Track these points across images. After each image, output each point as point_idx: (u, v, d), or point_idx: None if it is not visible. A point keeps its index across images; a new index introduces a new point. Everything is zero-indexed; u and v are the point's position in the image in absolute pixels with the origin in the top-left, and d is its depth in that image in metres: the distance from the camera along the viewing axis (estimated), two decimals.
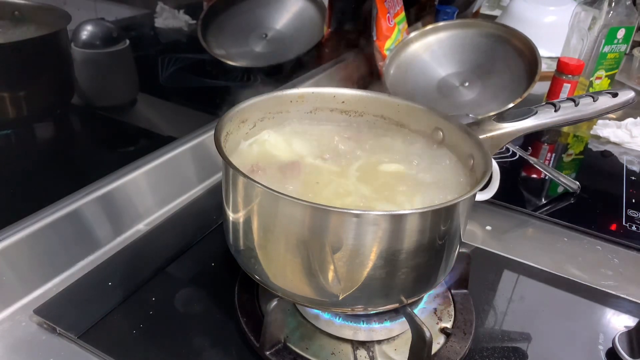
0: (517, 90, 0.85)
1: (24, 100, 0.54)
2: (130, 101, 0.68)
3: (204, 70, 0.78)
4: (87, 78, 0.59)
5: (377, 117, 0.58)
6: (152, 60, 0.68)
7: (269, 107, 0.55)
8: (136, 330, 0.48)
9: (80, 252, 0.57)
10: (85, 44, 0.58)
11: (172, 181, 0.69)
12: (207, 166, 0.73)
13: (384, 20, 0.98)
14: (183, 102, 0.76)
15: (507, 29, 0.93)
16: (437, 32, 0.97)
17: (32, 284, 0.53)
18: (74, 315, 0.49)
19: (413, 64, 0.95)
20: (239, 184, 0.43)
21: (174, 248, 0.59)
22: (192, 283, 0.55)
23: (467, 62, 0.94)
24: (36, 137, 0.57)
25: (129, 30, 0.63)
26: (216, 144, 0.44)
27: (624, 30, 1.02)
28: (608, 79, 1.08)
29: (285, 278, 0.44)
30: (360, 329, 0.48)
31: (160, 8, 0.67)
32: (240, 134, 0.53)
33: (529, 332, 0.53)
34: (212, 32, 0.75)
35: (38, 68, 0.54)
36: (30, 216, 0.54)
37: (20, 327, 0.49)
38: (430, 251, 0.42)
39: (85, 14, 0.57)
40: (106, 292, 0.52)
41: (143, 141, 0.69)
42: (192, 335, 0.48)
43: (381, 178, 0.51)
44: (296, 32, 0.88)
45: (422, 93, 0.92)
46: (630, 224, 0.70)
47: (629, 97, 0.58)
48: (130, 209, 0.63)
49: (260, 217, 0.42)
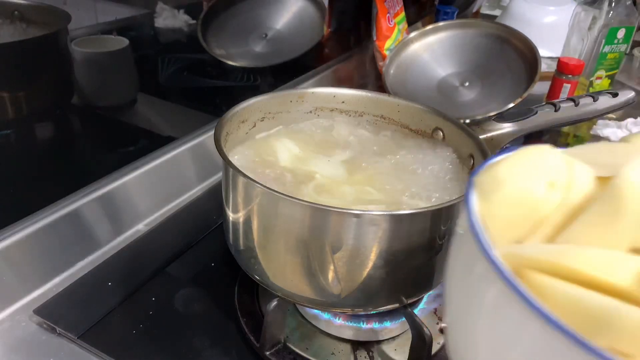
0: (517, 90, 0.85)
1: (24, 100, 0.54)
2: (130, 101, 0.68)
3: (204, 70, 0.78)
4: (86, 78, 0.59)
5: (377, 117, 0.58)
6: (152, 60, 0.68)
7: (268, 107, 0.55)
8: (136, 330, 0.48)
9: (80, 252, 0.57)
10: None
11: (172, 181, 0.69)
12: (207, 166, 0.73)
13: (384, 20, 0.98)
14: (183, 102, 0.76)
15: (507, 29, 0.93)
16: (437, 32, 0.97)
17: (32, 284, 0.53)
18: (73, 315, 0.49)
19: (413, 64, 0.95)
20: (239, 184, 0.43)
21: (174, 248, 0.59)
22: (192, 283, 0.55)
23: (467, 62, 0.94)
24: (36, 137, 0.57)
25: (129, 30, 0.63)
26: (216, 144, 0.44)
27: (624, 30, 1.01)
28: (608, 79, 1.08)
29: (285, 278, 0.44)
30: (360, 329, 0.48)
31: (160, 8, 0.67)
32: (240, 134, 0.53)
33: None
34: (212, 31, 0.75)
35: (38, 68, 0.54)
36: (30, 216, 0.54)
37: (20, 327, 0.49)
38: (430, 251, 0.42)
39: (85, 13, 0.57)
40: (106, 292, 0.52)
41: (143, 141, 0.69)
42: (192, 336, 0.48)
43: (380, 178, 0.51)
44: (296, 32, 0.88)
45: (422, 93, 0.92)
46: None
47: (629, 97, 0.58)
48: (130, 209, 0.63)
49: (260, 217, 0.42)
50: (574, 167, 0.25)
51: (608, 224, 0.22)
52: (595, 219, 0.23)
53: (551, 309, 0.19)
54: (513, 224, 0.24)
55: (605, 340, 0.18)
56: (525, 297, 0.19)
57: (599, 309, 0.19)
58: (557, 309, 0.19)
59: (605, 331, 0.18)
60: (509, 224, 0.24)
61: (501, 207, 0.24)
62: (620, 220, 0.21)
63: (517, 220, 0.24)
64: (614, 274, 0.20)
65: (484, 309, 0.23)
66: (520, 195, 0.24)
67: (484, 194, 0.25)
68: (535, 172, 0.25)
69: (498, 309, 0.22)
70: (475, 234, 0.23)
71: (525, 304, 0.19)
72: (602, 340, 0.18)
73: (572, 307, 0.19)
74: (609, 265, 0.20)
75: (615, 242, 0.22)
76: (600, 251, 0.21)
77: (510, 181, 0.25)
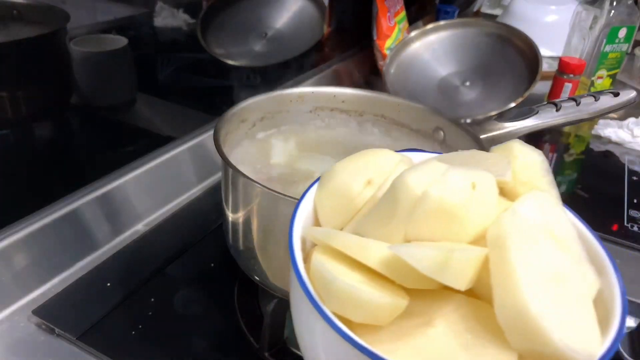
0: (518, 89, 0.85)
1: (22, 99, 0.54)
2: (129, 101, 0.68)
3: (204, 69, 0.78)
4: (85, 77, 0.59)
5: (378, 117, 0.58)
6: (151, 59, 0.68)
7: (268, 107, 0.55)
8: (135, 331, 0.48)
9: (79, 253, 0.57)
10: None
11: (171, 181, 0.68)
12: (207, 166, 0.73)
13: (384, 20, 0.98)
14: (182, 102, 0.76)
15: (508, 28, 0.93)
16: (438, 31, 0.97)
17: (31, 285, 0.52)
18: (72, 316, 0.49)
19: (413, 63, 0.95)
20: (238, 184, 0.43)
21: (173, 248, 0.58)
22: (191, 284, 0.55)
23: (468, 61, 0.93)
24: (34, 137, 0.57)
25: (128, 30, 0.63)
26: (215, 143, 0.44)
27: (625, 30, 1.01)
28: (609, 78, 1.07)
29: (285, 279, 0.43)
30: None
31: (160, 7, 0.66)
32: (240, 134, 0.53)
33: None
34: (211, 31, 0.75)
35: (36, 67, 0.54)
36: (29, 217, 0.53)
37: (18, 328, 0.48)
38: None
39: (84, 12, 0.57)
40: (105, 292, 0.52)
41: (142, 141, 0.69)
42: (192, 337, 0.48)
43: None
44: (296, 31, 0.88)
45: (422, 92, 0.92)
46: (632, 224, 0.70)
47: (630, 96, 0.58)
48: (129, 209, 0.63)
49: (260, 218, 0.42)
50: (396, 169, 0.29)
51: (386, 218, 0.25)
52: (378, 213, 0.26)
53: (313, 281, 0.24)
54: (336, 212, 0.29)
55: (330, 304, 0.23)
56: (300, 277, 0.25)
57: (326, 276, 0.24)
58: (316, 281, 0.24)
59: (328, 296, 0.23)
60: (333, 212, 0.29)
61: (328, 197, 0.29)
62: (394, 217, 0.25)
63: (338, 210, 0.29)
64: (363, 255, 0.24)
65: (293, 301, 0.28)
66: (342, 188, 0.29)
67: (321, 184, 0.30)
68: (359, 170, 0.29)
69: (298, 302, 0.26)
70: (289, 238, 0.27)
71: (300, 283, 0.24)
72: (331, 305, 0.23)
73: (318, 276, 0.24)
74: (360, 249, 0.24)
75: (393, 233, 0.25)
76: (355, 238, 0.26)
77: (338, 175, 0.29)
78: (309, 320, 0.25)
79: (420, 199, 0.24)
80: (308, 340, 0.27)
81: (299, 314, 0.27)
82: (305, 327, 0.26)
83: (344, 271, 0.24)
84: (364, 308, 0.23)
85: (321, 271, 0.24)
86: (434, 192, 0.24)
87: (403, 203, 0.25)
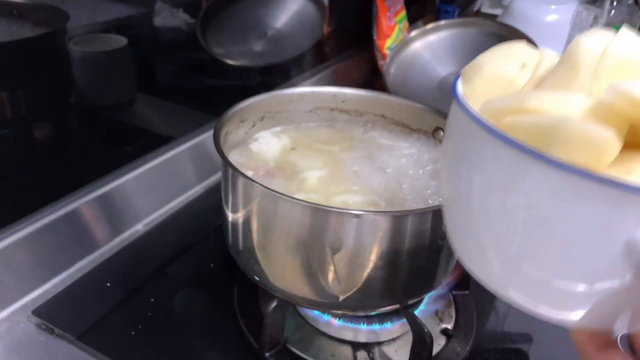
0: None
1: (22, 99, 0.54)
2: (129, 101, 0.68)
3: (203, 69, 0.78)
4: (85, 77, 0.59)
5: (378, 117, 0.58)
6: (151, 59, 0.68)
7: (268, 107, 0.55)
8: (135, 331, 0.48)
9: (78, 253, 0.57)
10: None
11: (171, 181, 0.68)
12: (206, 166, 0.73)
13: (384, 19, 0.98)
14: (182, 102, 0.76)
15: (509, 28, 0.93)
16: (438, 31, 0.97)
17: (31, 285, 0.52)
18: (72, 316, 0.49)
19: (414, 63, 0.95)
20: (238, 184, 0.43)
21: (173, 249, 0.58)
22: (191, 284, 0.55)
23: (468, 61, 0.93)
24: (34, 137, 0.57)
25: (128, 29, 0.62)
26: (215, 143, 0.44)
27: None
28: None
29: (285, 279, 0.43)
30: (360, 330, 0.48)
31: (159, 7, 0.66)
32: (240, 134, 0.53)
33: (530, 333, 0.52)
34: (211, 30, 0.75)
35: (36, 67, 0.54)
36: (29, 217, 0.53)
37: (18, 328, 0.48)
38: (431, 251, 0.42)
39: (84, 12, 0.57)
40: (105, 293, 0.52)
41: (142, 141, 0.69)
42: (192, 337, 0.48)
43: (381, 177, 0.50)
44: (296, 31, 0.87)
45: (423, 92, 0.92)
46: None
47: None
48: (128, 209, 0.63)
49: (260, 218, 0.42)
50: (544, 52, 0.29)
51: (566, 83, 0.25)
52: (556, 81, 0.26)
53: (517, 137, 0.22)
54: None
55: (555, 150, 0.22)
56: (493, 130, 0.23)
57: (549, 122, 0.22)
58: (521, 136, 0.23)
59: (554, 142, 0.22)
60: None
61: (482, 87, 0.28)
62: (576, 79, 0.25)
63: (495, 97, 0.28)
64: (566, 108, 0.23)
65: (477, 164, 0.26)
66: (496, 76, 0.28)
67: (466, 78, 0.29)
68: (509, 57, 0.29)
69: (490, 159, 0.25)
70: (461, 105, 0.26)
71: (495, 136, 0.23)
72: (554, 150, 0.22)
73: (530, 128, 0.23)
74: (562, 102, 0.23)
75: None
76: (554, 92, 0.25)
77: (488, 65, 0.29)
78: (514, 170, 0.23)
79: (602, 58, 0.25)
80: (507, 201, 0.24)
81: (490, 166, 0.25)
82: (502, 179, 0.24)
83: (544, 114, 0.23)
84: (593, 146, 0.21)
85: (544, 114, 0.23)
86: (615, 50, 0.25)
87: (584, 65, 0.25)
